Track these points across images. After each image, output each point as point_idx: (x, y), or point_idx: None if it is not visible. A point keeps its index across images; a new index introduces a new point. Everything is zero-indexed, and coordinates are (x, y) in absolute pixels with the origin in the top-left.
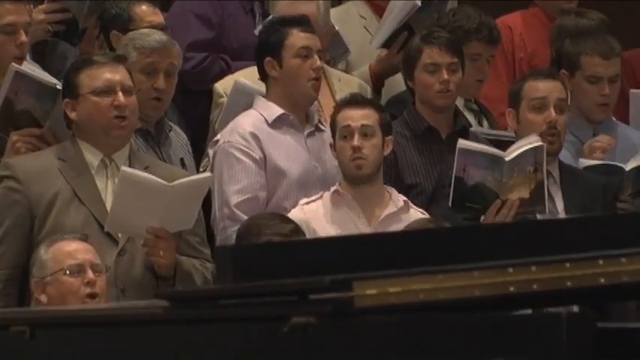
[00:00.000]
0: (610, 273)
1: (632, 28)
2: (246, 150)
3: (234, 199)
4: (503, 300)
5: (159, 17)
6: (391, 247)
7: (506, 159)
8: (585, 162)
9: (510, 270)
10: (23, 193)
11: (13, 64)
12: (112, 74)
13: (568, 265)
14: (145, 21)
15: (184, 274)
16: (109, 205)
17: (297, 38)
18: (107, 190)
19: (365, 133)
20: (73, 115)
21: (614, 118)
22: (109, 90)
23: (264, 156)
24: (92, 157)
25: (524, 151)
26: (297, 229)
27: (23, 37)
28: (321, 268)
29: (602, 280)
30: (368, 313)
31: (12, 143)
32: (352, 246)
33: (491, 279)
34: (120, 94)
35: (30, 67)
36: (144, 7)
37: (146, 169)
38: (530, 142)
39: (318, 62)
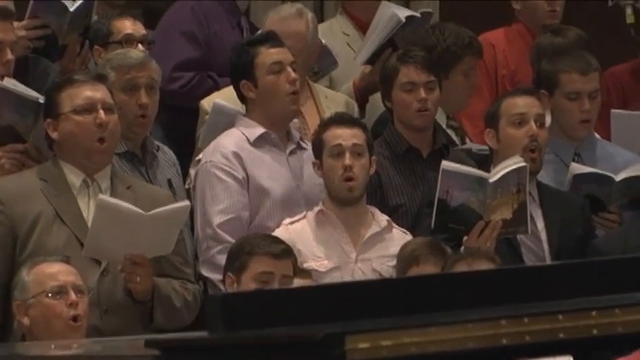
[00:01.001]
0: (604, 324)
1: (616, 44)
2: (229, 170)
3: (217, 220)
4: (495, 352)
5: (139, 29)
6: (382, 295)
7: (490, 180)
8: (576, 170)
9: (503, 322)
10: (5, 213)
11: None
12: (92, 92)
13: (561, 317)
14: (124, 33)
15: (162, 297)
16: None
17: (267, 55)
18: (89, 211)
19: (356, 152)
20: (54, 134)
21: (596, 134)
22: (90, 108)
23: (247, 175)
24: (74, 177)
25: (508, 172)
26: (288, 249)
27: (9, 56)
28: (313, 316)
29: (595, 332)
30: None
31: None
32: (343, 293)
33: (484, 331)
34: (101, 111)
35: (11, 82)
36: (126, 22)
37: (128, 188)
38: (514, 162)
39: (293, 74)
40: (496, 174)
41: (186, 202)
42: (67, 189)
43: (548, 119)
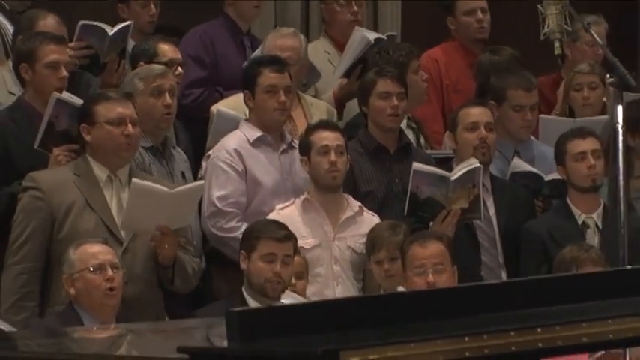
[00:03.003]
0: (546, 339)
1: (540, 60)
2: (231, 164)
3: (221, 201)
4: None
5: (178, 55)
6: (373, 308)
7: (452, 179)
8: (515, 167)
9: (466, 338)
10: (45, 201)
11: (55, 92)
12: (123, 109)
13: (512, 333)
14: (169, 57)
15: (180, 265)
16: (114, 212)
17: (267, 77)
18: (113, 200)
19: (339, 151)
20: (88, 137)
21: (532, 137)
22: (120, 122)
23: (245, 169)
24: (101, 172)
25: (466, 172)
26: (289, 234)
27: (64, 72)
28: (316, 327)
29: (540, 345)
30: None
31: (54, 157)
32: (342, 307)
33: (451, 346)
34: (129, 125)
35: (67, 95)
36: (166, 46)
37: None
38: (470, 164)
39: (282, 97)
40: (456, 173)
41: (202, 182)
42: (95, 182)
43: None
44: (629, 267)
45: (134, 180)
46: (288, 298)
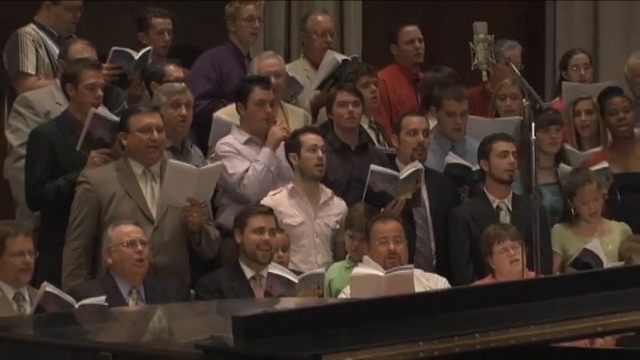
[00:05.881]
0: (465, 344)
1: (472, 74)
2: (229, 148)
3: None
4: None
5: (181, 74)
6: (346, 312)
7: (401, 177)
8: (449, 160)
9: (421, 343)
10: (94, 192)
11: (92, 108)
12: (150, 119)
13: (456, 338)
14: (173, 76)
15: (205, 231)
16: (148, 199)
17: (257, 93)
18: (147, 189)
19: (323, 149)
20: (125, 142)
21: (465, 135)
22: (148, 129)
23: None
24: (137, 168)
25: (411, 172)
26: (270, 209)
27: (99, 93)
28: (309, 328)
29: (457, 350)
30: None
31: (91, 158)
32: (323, 312)
33: (408, 349)
34: (155, 132)
35: (102, 109)
36: (171, 67)
37: None
38: (415, 166)
39: (269, 109)
40: (404, 173)
41: (220, 162)
42: (132, 176)
43: (432, 124)
44: (558, 274)
45: (170, 160)
46: (274, 268)
